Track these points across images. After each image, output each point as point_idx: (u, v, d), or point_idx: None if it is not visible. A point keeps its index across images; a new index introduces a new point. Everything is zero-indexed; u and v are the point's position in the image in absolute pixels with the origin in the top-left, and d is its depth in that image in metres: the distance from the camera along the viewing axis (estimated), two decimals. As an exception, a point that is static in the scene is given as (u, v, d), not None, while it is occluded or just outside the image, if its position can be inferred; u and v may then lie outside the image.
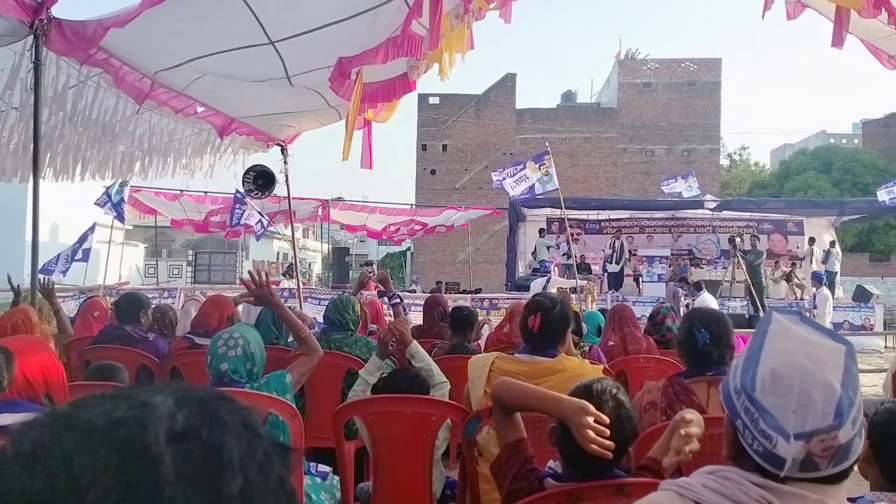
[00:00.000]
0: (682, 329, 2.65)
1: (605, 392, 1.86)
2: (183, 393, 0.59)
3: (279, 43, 4.17)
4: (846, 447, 1.08)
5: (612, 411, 1.82)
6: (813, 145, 47.41)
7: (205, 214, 16.04)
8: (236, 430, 0.57)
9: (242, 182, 8.12)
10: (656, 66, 37.78)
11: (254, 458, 0.57)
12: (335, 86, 4.41)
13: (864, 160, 33.89)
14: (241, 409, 0.61)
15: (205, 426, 0.56)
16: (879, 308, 15.89)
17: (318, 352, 3.19)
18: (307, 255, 37.83)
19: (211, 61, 4.34)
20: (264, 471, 0.57)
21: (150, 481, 0.51)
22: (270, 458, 0.59)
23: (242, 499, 0.54)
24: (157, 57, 4.29)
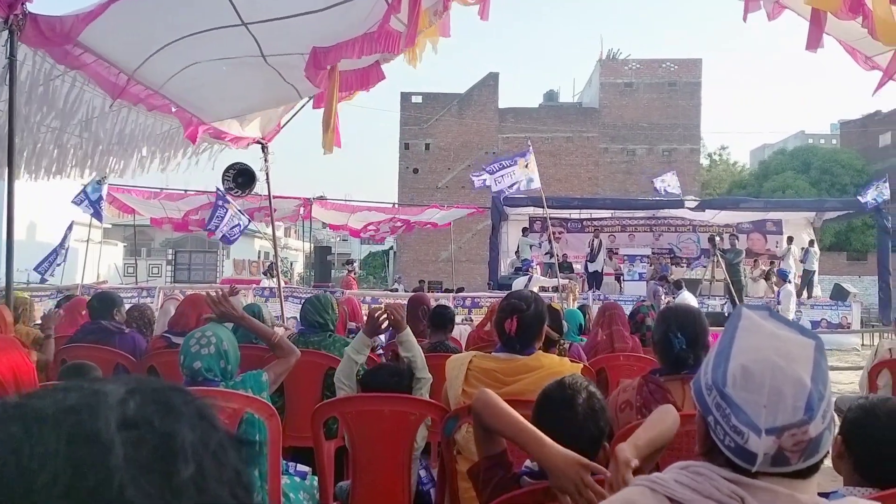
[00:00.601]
0: (658, 331, 2.63)
1: (578, 384, 1.87)
2: (136, 383, 0.59)
3: (252, 25, 4.14)
4: (816, 441, 1.09)
5: (585, 402, 1.83)
6: (792, 145, 47.93)
7: (184, 213, 15.92)
8: (190, 419, 0.57)
9: (222, 180, 8.06)
10: (637, 66, 38.00)
11: (207, 446, 0.57)
12: (310, 75, 4.39)
13: (841, 160, 34.28)
14: (196, 401, 0.60)
15: (157, 414, 0.56)
16: (856, 306, 16.10)
17: (294, 353, 3.17)
18: (289, 253, 37.64)
19: (185, 44, 4.29)
20: (218, 460, 0.57)
21: (99, 467, 0.51)
22: (225, 448, 0.59)
23: (195, 486, 0.54)
24: (132, 49, 4.24)
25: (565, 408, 1.86)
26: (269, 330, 3.26)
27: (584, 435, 1.84)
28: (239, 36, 4.22)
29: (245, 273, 20.49)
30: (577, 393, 1.86)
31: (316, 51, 4.20)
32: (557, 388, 1.90)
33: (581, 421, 1.84)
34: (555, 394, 1.91)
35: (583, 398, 1.85)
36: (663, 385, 2.51)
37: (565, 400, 1.87)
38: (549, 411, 1.89)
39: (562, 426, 1.84)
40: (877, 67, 5.86)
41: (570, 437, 1.80)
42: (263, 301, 10.74)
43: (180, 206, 15.94)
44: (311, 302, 4.31)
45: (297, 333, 4.32)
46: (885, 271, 16.74)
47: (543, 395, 1.94)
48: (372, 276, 39.70)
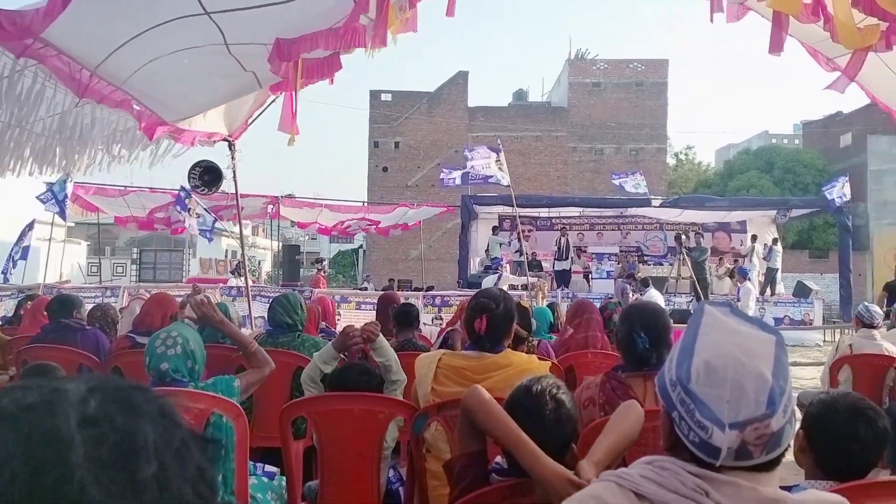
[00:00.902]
0: (622, 330, 2.64)
1: (545, 393, 1.86)
2: (97, 382, 0.58)
3: (216, 14, 4.09)
4: (778, 434, 1.11)
5: (552, 412, 1.83)
6: (756, 145, 48.73)
7: (149, 211, 15.68)
8: (152, 417, 0.57)
9: (188, 178, 7.97)
10: (605, 66, 38.32)
11: (170, 444, 0.57)
12: (273, 68, 4.37)
13: (804, 160, 34.92)
14: (159, 399, 0.60)
15: (118, 412, 0.56)
16: (818, 303, 16.41)
17: (269, 364, 3.14)
18: (256, 252, 37.26)
19: (148, 37, 4.22)
20: (181, 457, 0.57)
21: (59, 465, 0.50)
22: (188, 446, 0.58)
23: (158, 484, 0.53)
24: (95, 44, 4.16)
25: (534, 416, 1.85)
26: (247, 339, 3.22)
27: (551, 442, 1.84)
28: (202, 25, 4.16)
29: (212, 272, 20.25)
30: (545, 403, 1.84)
31: (280, 42, 4.17)
32: (526, 396, 1.88)
33: (549, 429, 1.84)
34: (523, 402, 1.89)
35: (551, 408, 1.84)
36: (625, 382, 2.54)
37: (534, 409, 1.86)
38: (517, 419, 1.88)
39: (529, 434, 1.84)
40: (838, 69, 5.98)
41: (537, 444, 1.82)
42: (231, 300, 10.61)
43: (145, 203, 15.69)
44: (279, 302, 4.24)
45: (264, 333, 4.27)
46: (846, 269, 17.11)
47: (512, 401, 1.92)
48: (341, 274, 39.50)
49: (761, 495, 1.10)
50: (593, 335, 4.81)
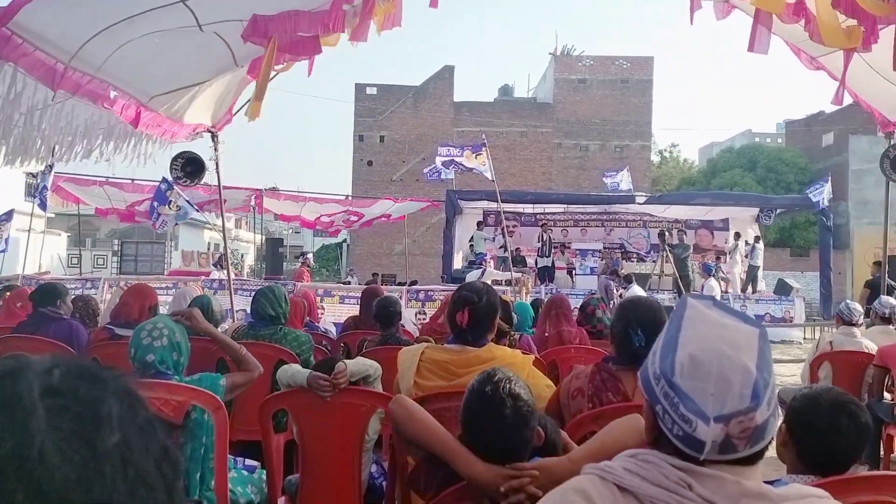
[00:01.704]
0: (618, 325, 2.61)
1: (498, 391, 1.83)
2: (63, 357, 0.59)
3: (190, 1, 4.04)
4: (762, 427, 1.10)
5: (511, 410, 1.81)
6: (739, 144, 49.01)
7: (130, 203, 15.51)
8: (117, 391, 0.57)
9: (170, 169, 7.87)
10: (591, 62, 38.39)
11: (134, 419, 0.57)
12: (251, 41, 4.32)
13: (786, 159, 35.17)
14: (125, 377, 0.60)
15: (82, 384, 0.56)
16: (799, 301, 16.56)
17: (257, 368, 3.10)
18: (239, 245, 37.05)
19: (120, 27, 4.17)
20: (145, 434, 0.57)
21: (20, 431, 0.51)
22: (153, 424, 0.58)
23: (120, 456, 0.53)
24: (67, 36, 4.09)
25: (493, 418, 1.83)
26: (235, 345, 3.18)
27: (514, 440, 1.84)
28: (174, 11, 4.11)
29: (194, 265, 20.07)
30: (501, 404, 1.81)
31: (256, 18, 4.12)
32: (480, 400, 1.85)
33: (510, 429, 1.83)
34: (480, 405, 1.85)
35: (509, 406, 1.81)
36: (615, 374, 2.53)
37: (492, 411, 1.83)
38: (475, 422, 1.88)
39: (489, 436, 1.84)
40: (822, 68, 6.03)
41: (499, 444, 1.83)
42: (212, 293, 10.53)
43: (126, 196, 15.52)
44: (263, 294, 4.19)
45: (246, 326, 4.23)
46: (827, 267, 17.27)
47: (467, 407, 1.89)
48: (325, 268, 39.35)
49: (744, 489, 1.09)
50: (567, 330, 4.82)
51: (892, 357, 4.88)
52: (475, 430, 1.87)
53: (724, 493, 1.08)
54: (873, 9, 4.38)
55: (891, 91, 6.11)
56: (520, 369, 2.56)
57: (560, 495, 1.18)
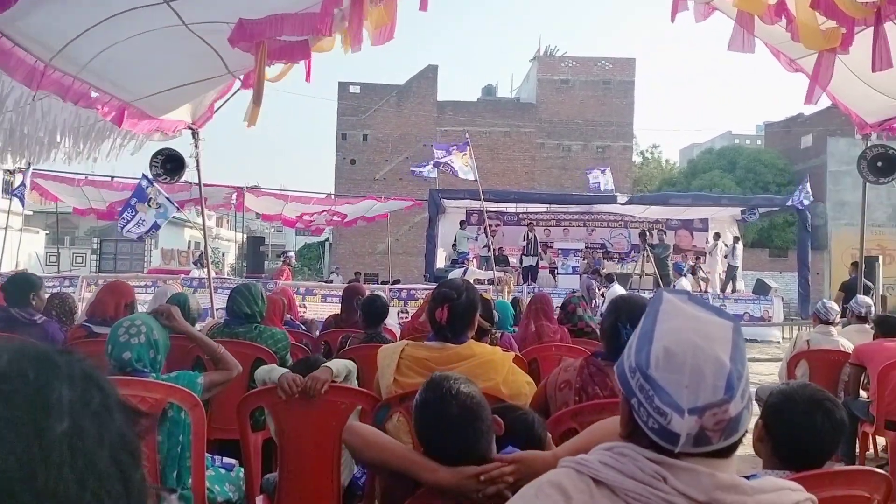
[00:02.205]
0: (608, 320, 2.63)
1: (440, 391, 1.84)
2: (16, 343, 0.57)
3: (174, 2, 3.99)
4: (736, 420, 1.11)
5: (457, 407, 1.81)
6: (719, 145, 49.40)
7: (109, 202, 15.33)
8: (70, 377, 0.55)
9: (150, 166, 7.79)
10: (574, 63, 38.54)
11: (88, 405, 0.54)
12: (239, 46, 4.29)
13: (765, 160, 35.50)
14: (84, 362, 0.58)
15: (32, 368, 0.54)
16: (777, 301, 16.73)
17: (236, 368, 3.07)
18: (220, 244, 36.81)
19: (103, 28, 4.11)
20: (100, 420, 0.54)
21: None
22: (110, 410, 0.56)
23: (69, 445, 0.51)
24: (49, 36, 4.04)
25: (441, 419, 1.82)
26: (213, 344, 3.15)
27: (468, 435, 1.83)
28: (159, 12, 4.07)
29: (174, 263, 19.91)
30: (445, 401, 1.81)
31: (242, 22, 4.08)
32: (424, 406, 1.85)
33: (460, 425, 1.82)
34: (425, 411, 1.85)
35: (454, 404, 1.81)
36: (604, 369, 2.55)
37: (438, 412, 1.82)
38: (427, 429, 1.87)
39: (443, 437, 1.84)
40: (800, 70, 6.09)
41: (455, 444, 1.82)
42: (191, 291, 10.44)
43: (104, 195, 15.34)
44: (239, 292, 4.15)
45: (221, 324, 4.19)
46: (805, 267, 17.47)
47: (417, 419, 1.89)
48: (307, 267, 39.17)
49: (718, 481, 1.10)
50: (547, 325, 4.85)
51: (867, 355, 4.94)
52: (429, 437, 1.87)
53: (698, 486, 1.09)
54: (851, 10, 4.43)
55: (868, 94, 6.19)
56: (500, 366, 2.56)
57: (535, 489, 1.18)
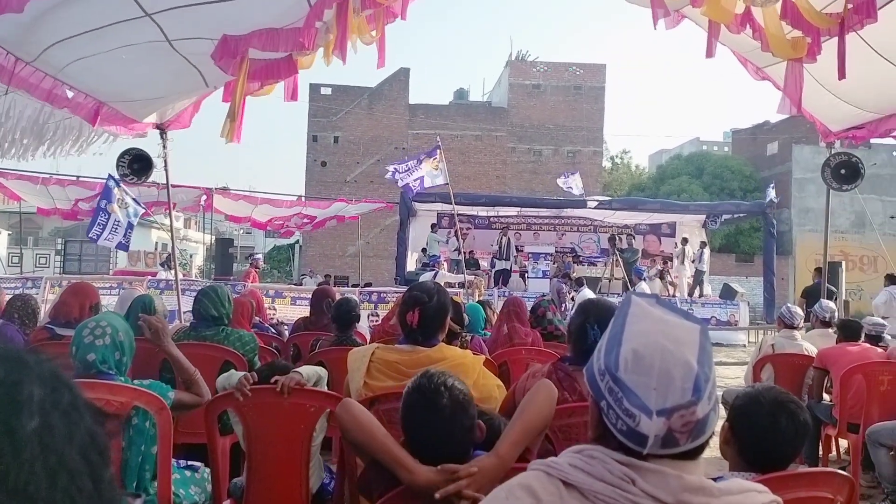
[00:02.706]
0: (576, 321, 2.65)
1: (433, 383, 1.87)
2: None
3: (156, 14, 3.94)
4: (703, 421, 1.12)
5: (448, 399, 1.84)
6: (687, 151, 50.03)
7: (74, 202, 15.03)
8: (41, 375, 0.55)
9: (116, 166, 7.68)
10: (545, 68, 38.79)
11: (58, 404, 0.54)
12: (221, 63, 4.23)
13: (732, 167, 36.06)
14: (52, 363, 0.58)
15: (2, 366, 0.54)
16: (744, 305, 16.99)
17: (206, 396, 2.97)
18: (188, 245, 36.30)
19: (84, 39, 4.06)
20: (70, 419, 0.54)
21: None
22: (80, 410, 0.56)
23: (39, 442, 0.51)
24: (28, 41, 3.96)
25: (430, 409, 1.84)
26: (191, 367, 3.02)
27: (454, 429, 1.85)
28: (142, 25, 4.02)
29: (140, 265, 19.59)
30: (438, 392, 1.84)
31: (227, 38, 4.04)
32: (416, 392, 1.88)
33: (449, 417, 1.85)
34: (416, 398, 1.88)
35: (445, 396, 1.84)
36: (572, 374, 2.56)
37: (428, 402, 1.85)
38: (413, 417, 1.89)
39: (430, 428, 1.85)
40: (767, 78, 6.21)
41: (441, 436, 1.84)
42: (158, 293, 10.29)
43: (69, 194, 15.04)
44: (206, 294, 4.09)
45: (188, 327, 4.12)
46: (770, 273, 17.77)
47: (406, 405, 1.91)
48: (277, 270, 38.85)
49: (686, 483, 1.11)
50: (514, 327, 4.88)
51: (830, 359, 5.03)
52: (414, 426, 1.89)
53: (666, 488, 1.10)
54: (817, 21, 4.52)
55: (833, 103, 6.32)
56: (470, 369, 2.56)
57: (506, 491, 1.18)
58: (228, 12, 4.01)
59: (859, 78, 5.04)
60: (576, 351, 2.65)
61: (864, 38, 4.81)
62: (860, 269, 28.86)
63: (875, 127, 6.53)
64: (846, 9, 4.39)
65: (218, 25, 4.08)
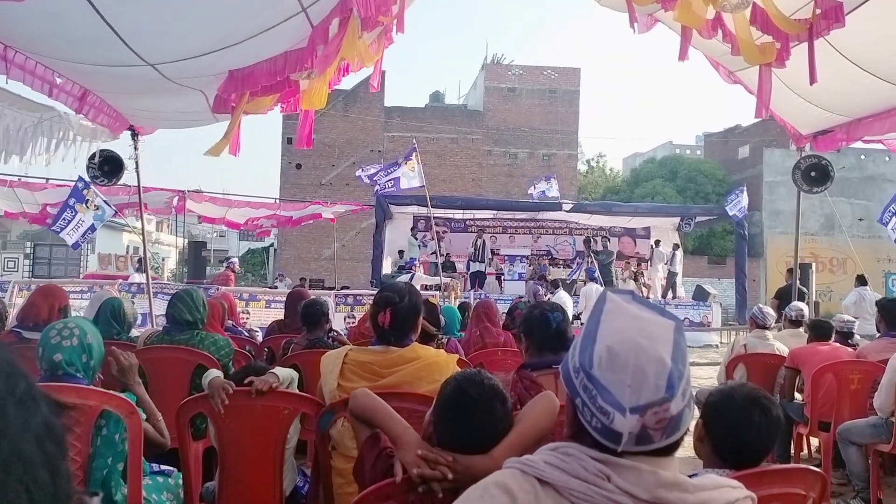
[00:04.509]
0: (535, 316, 2.68)
1: (481, 386, 1.81)
2: None
3: (160, 65, 3.94)
4: (677, 418, 1.12)
5: (488, 387, 1.80)
6: (661, 155, 50.48)
7: (42, 206, 14.77)
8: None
9: (87, 168, 7.56)
10: (520, 72, 38.94)
11: (12, 392, 0.53)
12: (224, 94, 4.25)
13: (705, 170, 36.45)
14: (7, 351, 0.58)
15: None
16: (716, 307, 17.19)
17: (167, 444, 2.87)
18: (160, 249, 35.85)
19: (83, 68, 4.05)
20: (25, 408, 0.53)
21: None
22: (36, 399, 0.55)
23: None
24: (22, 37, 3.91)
25: (483, 410, 1.79)
26: (156, 412, 2.90)
27: (497, 432, 1.81)
28: (144, 70, 4.01)
29: (111, 268, 19.33)
30: (476, 382, 1.81)
31: (233, 74, 4.05)
32: (456, 397, 1.81)
33: (496, 421, 1.80)
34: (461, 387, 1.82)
35: (486, 384, 1.81)
36: (536, 380, 2.54)
37: (472, 388, 1.80)
38: (459, 414, 1.81)
39: (477, 428, 1.79)
40: (739, 82, 6.29)
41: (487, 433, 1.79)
42: (130, 297, 10.14)
43: (38, 197, 14.77)
44: (180, 298, 4.02)
45: (161, 332, 4.06)
46: (742, 274, 18.00)
47: (451, 401, 1.83)
48: (251, 273, 38.52)
49: (661, 479, 1.11)
50: (485, 328, 4.90)
51: (802, 359, 5.10)
52: (459, 420, 1.80)
53: (641, 484, 1.10)
54: (786, 27, 4.60)
55: (802, 107, 6.43)
56: (444, 368, 2.55)
57: (481, 490, 1.17)
58: (233, 56, 4.01)
59: (829, 82, 5.12)
60: (542, 344, 2.68)
61: (832, 44, 4.90)
62: (830, 270, 29.33)
63: (850, 133, 6.65)
64: (815, 14, 4.47)
65: (224, 66, 4.09)
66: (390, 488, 1.76)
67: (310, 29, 3.93)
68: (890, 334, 5.06)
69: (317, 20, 3.89)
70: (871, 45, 5.01)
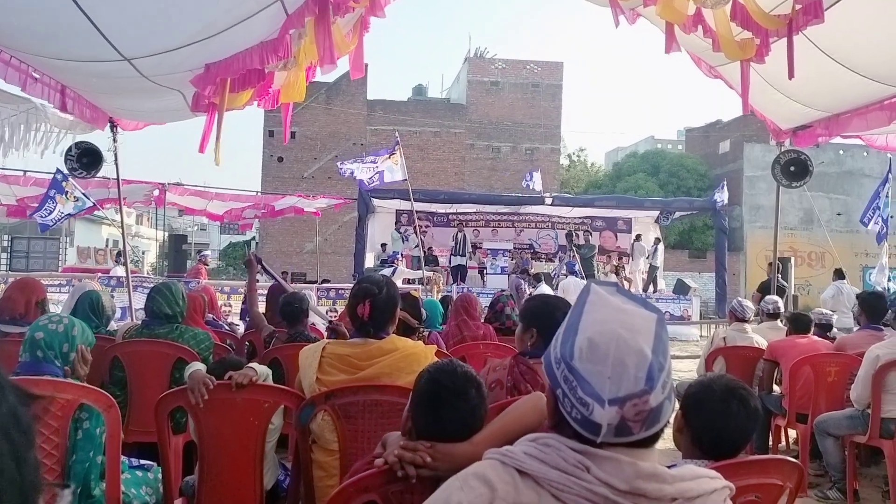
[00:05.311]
0: (536, 308, 2.69)
1: (454, 375, 1.84)
2: None
3: (136, 60, 3.90)
4: (657, 410, 1.12)
5: (462, 376, 1.83)
6: (643, 149, 50.73)
7: (19, 198, 14.56)
8: None
9: (65, 160, 7.47)
10: (503, 65, 38.93)
11: None
12: (201, 89, 4.21)
13: (686, 165, 36.70)
14: None
15: None
16: (696, 300, 17.35)
17: None
18: (140, 242, 35.52)
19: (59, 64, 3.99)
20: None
21: None
22: (3, 388, 0.54)
23: None
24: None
25: (456, 398, 1.80)
26: None
27: (476, 421, 1.82)
28: (120, 66, 3.96)
29: (90, 261, 19.12)
30: (452, 372, 1.82)
31: (209, 67, 4.01)
32: (443, 378, 1.83)
33: (474, 408, 1.82)
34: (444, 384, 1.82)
35: (460, 372, 1.83)
36: (533, 367, 2.56)
37: (458, 392, 1.80)
38: (436, 405, 1.81)
39: (456, 419, 1.79)
40: (720, 77, 6.33)
41: (465, 423, 1.80)
42: (109, 291, 10.04)
43: (16, 190, 14.56)
44: (159, 292, 3.98)
45: (141, 325, 4.02)
46: (722, 268, 18.16)
47: (428, 392, 1.84)
48: (232, 266, 38.25)
49: (640, 470, 1.11)
50: (463, 321, 4.91)
51: (780, 352, 5.16)
52: (436, 410, 1.81)
53: (620, 475, 1.10)
54: (766, 22, 4.63)
55: (782, 102, 6.48)
56: (423, 359, 2.56)
57: (460, 481, 1.17)
58: (209, 48, 3.97)
59: (808, 77, 5.17)
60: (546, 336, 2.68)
61: (811, 40, 4.94)
62: (808, 264, 29.69)
63: (829, 128, 6.71)
64: (794, 10, 4.50)
65: (200, 60, 4.06)
66: (370, 480, 1.75)
67: (284, 17, 3.90)
68: (870, 326, 5.12)
69: (292, 9, 3.87)
70: (849, 41, 5.05)
